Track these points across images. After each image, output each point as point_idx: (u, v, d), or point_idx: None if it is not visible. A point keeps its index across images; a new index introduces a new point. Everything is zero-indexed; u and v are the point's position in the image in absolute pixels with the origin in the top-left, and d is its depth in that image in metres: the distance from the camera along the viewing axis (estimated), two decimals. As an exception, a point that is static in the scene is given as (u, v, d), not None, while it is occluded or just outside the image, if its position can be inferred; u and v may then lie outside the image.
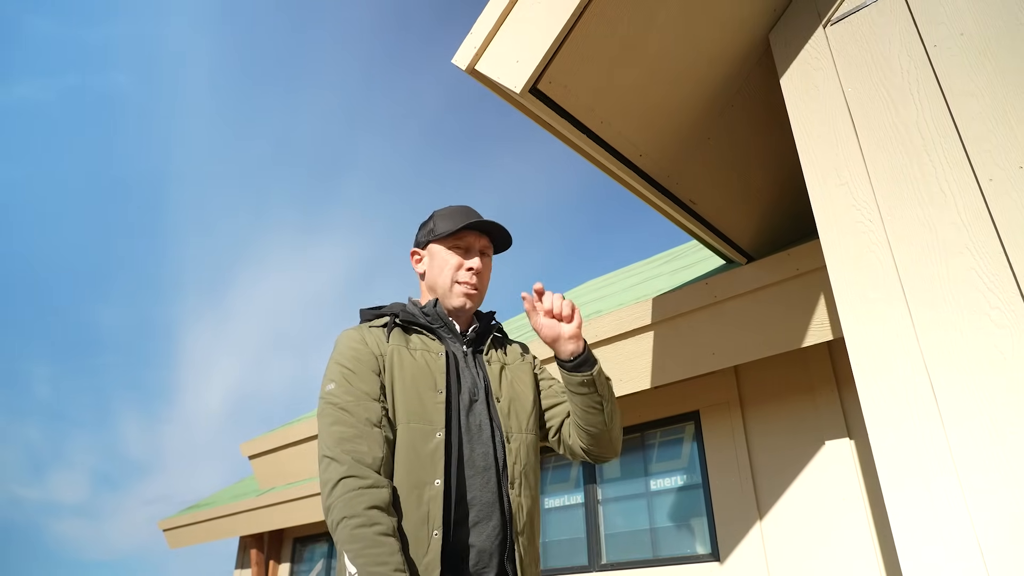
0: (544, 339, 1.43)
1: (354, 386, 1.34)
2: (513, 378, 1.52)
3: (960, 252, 1.36)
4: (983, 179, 1.38)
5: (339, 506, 1.19)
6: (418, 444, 1.31)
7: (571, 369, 1.41)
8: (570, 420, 1.51)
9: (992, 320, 1.28)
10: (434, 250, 1.55)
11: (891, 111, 1.57)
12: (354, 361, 1.38)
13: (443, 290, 1.51)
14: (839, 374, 2.64)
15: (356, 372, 1.36)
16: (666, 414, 3.20)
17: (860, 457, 2.51)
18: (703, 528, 2.92)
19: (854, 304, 1.47)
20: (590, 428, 1.45)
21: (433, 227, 1.56)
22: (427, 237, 1.57)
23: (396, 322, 1.47)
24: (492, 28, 1.59)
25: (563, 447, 1.55)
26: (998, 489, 1.19)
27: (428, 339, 1.47)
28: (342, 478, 1.22)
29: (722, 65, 1.94)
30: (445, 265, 1.51)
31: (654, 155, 1.96)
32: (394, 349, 1.42)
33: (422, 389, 1.37)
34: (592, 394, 1.41)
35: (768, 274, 2.40)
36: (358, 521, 1.17)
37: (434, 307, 1.51)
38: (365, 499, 1.20)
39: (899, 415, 1.33)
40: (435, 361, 1.42)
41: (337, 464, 1.24)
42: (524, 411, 1.48)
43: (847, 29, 1.73)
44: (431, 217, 1.60)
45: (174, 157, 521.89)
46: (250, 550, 5.60)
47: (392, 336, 1.44)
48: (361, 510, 1.18)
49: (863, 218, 1.52)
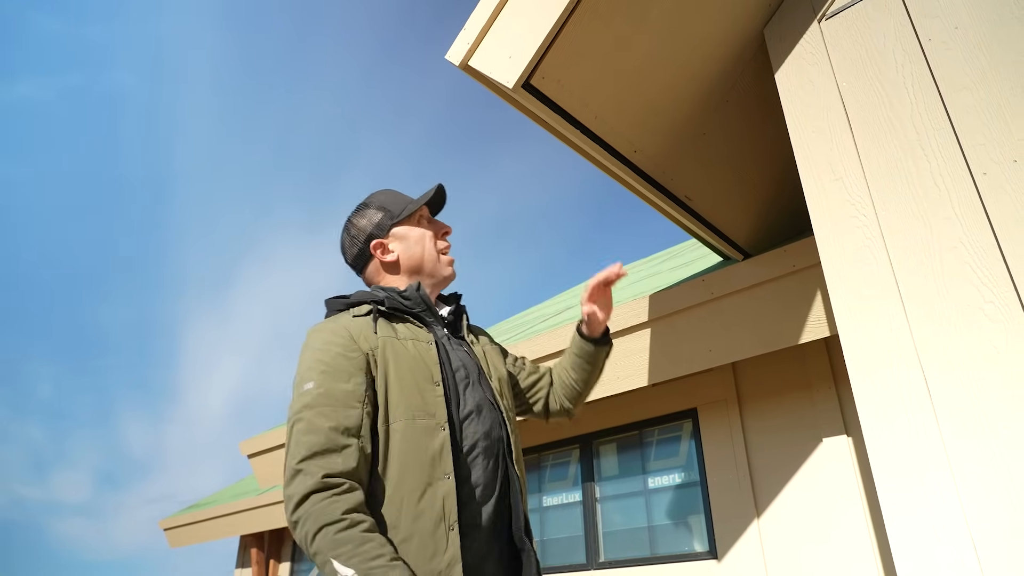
0: (598, 310, 1.62)
1: (335, 389, 1.23)
2: (492, 358, 1.52)
3: (954, 246, 1.35)
4: (977, 173, 1.37)
5: (313, 517, 1.11)
6: (424, 440, 1.24)
7: (602, 344, 1.65)
8: (556, 387, 1.69)
9: (986, 314, 1.27)
10: (401, 232, 1.49)
11: (886, 105, 1.56)
12: (338, 358, 1.26)
13: (431, 264, 1.48)
14: (836, 371, 2.63)
15: (338, 371, 1.25)
16: (664, 412, 3.20)
17: (858, 454, 2.51)
18: (701, 526, 2.91)
19: (848, 299, 1.47)
20: (583, 389, 1.67)
21: (390, 211, 1.50)
22: (388, 222, 1.49)
23: (381, 310, 1.38)
24: (485, 24, 1.58)
25: (545, 414, 1.71)
26: (992, 483, 1.18)
27: (415, 327, 1.40)
28: (311, 492, 1.13)
29: (716, 61, 1.93)
30: (423, 240, 1.48)
31: (649, 151, 1.96)
32: (385, 341, 1.32)
33: (420, 382, 1.30)
34: (598, 367, 1.67)
35: (765, 271, 2.40)
36: (340, 526, 1.10)
37: (417, 291, 1.43)
38: (341, 504, 1.12)
39: (893, 410, 1.33)
40: (428, 352, 1.36)
41: (306, 477, 1.15)
42: (508, 388, 1.51)
43: (842, 24, 1.73)
44: (372, 207, 1.52)
45: (177, 156, 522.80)
46: (250, 549, 5.61)
47: (379, 326, 1.35)
48: (339, 515, 1.11)
49: (857, 213, 1.52)
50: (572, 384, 1.66)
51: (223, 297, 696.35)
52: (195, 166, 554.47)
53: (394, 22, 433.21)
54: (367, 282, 1.54)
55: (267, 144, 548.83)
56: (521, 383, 1.67)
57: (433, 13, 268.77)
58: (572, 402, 1.68)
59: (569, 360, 1.67)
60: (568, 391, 1.67)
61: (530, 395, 1.67)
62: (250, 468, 5.62)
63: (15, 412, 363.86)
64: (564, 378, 1.68)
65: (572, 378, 1.66)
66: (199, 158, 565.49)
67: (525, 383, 1.67)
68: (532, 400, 1.67)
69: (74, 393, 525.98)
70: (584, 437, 3.49)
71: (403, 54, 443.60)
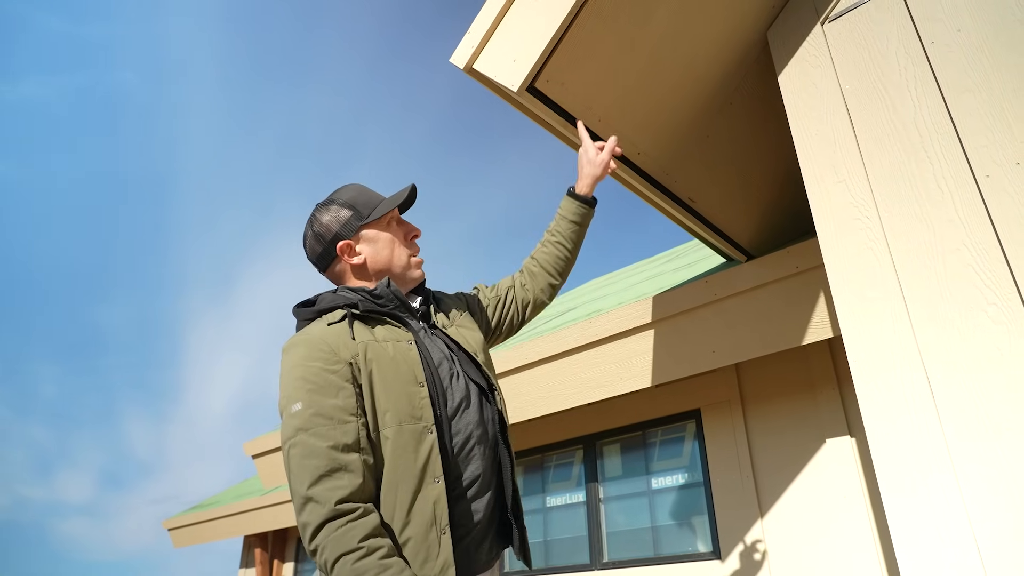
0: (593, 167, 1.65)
1: (325, 405, 1.19)
2: (466, 332, 1.50)
3: (957, 248, 1.36)
4: (980, 175, 1.38)
5: (330, 546, 1.10)
6: (413, 445, 1.23)
7: (589, 202, 1.69)
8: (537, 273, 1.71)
9: (989, 316, 1.28)
10: (370, 234, 1.44)
11: (888, 108, 1.57)
12: (321, 373, 1.22)
13: (400, 267, 1.45)
14: (840, 372, 2.64)
15: (324, 387, 1.20)
16: (667, 412, 3.20)
17: (861, 455, 2.51)
18: (704, 526, 2.92)
19: (851, 301, 1.48)
20: (574, 257, 1.74)
21: (358, 211, 1.44)
22: (356, 223, 1.43)
23: (355, 313, 1.34)
24: (489, 27, 1.59)
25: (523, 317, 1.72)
26: (995, 485, 1.19)
27: (393, 327, 1.36)
28: (325, 521, 1.11)
29: (720, 63, 1.94)
30: (393, 242, 1.46)
31: (653, 153, 1.96)
32: (365, 346, 1.28)
33: (405, 385, 1.27)
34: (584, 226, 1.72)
35: (768, 272, 2.40)
36: (358, 555, 1.09)
37: (388, 287, 1.40)
38: (357, 531, 1.11)
39: (896, 412, 1.33)
40: (408, 352, 1.32)
41: (317, 505, 1.12)
42: (487, 356, 1.52)
43: (845, 26, 1.73)
44: (339, 204, 1.45)
45: (179, 155, 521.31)
46: (254, 549, 5.62)
47: (356, 331, 1.30)
48: (356, 544, 1.10)
49: (860, 215, 1.52)
50: (567, 256, 1.71)
51: (226, 295, 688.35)
52: (198, 164, 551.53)
53: (399, 17, 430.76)
54: (332, 279, 1.49)
55: (270, 141, 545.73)
56: (493, 314, 1.67)
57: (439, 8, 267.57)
58: (562, 275, 1.73)
59: (565, 229, 1.70)
60: (561, 264, 1.71)
61: (507, 313, 1.68)
62: (254, 468, 5.64)
63: (18, 412, 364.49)
64: (557, 252, 1.71)
65: (567, 249, 1.71)
66: (202, 156, 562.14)
67: (495, 309, 1.67)
68: (508, 315, 1.69)
69: (77, 393, 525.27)
70: (588, 438, 3.50)
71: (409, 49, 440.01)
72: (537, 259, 1.72)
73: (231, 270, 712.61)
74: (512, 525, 1.37)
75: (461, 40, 1.64)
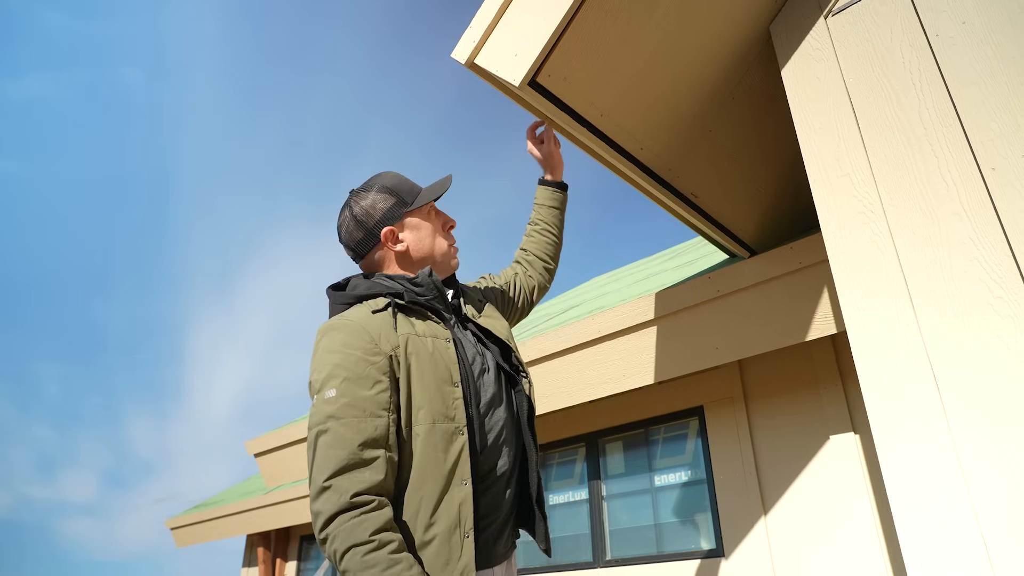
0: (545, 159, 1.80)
1: (359, 397, 1.18)
2: (492, 321, 1.52)
3: (962, 242, 1.35)
4: (986, 168, 1.37)
5: (341, 536, 1.10)
6: (444, 445, 1.22)
7: (561, 187, 1.83)
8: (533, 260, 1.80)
9: (995, 310, 1.27)
10: (413, 222, 1.45)
11: (893, 101, 1.55)
12: (360, 363, 1.21)
13: (441, 255, 1.47)
14: (843, 368, 2.62)
15: (361, 377, 1.20)
16: (670, 409, 3.19)
17: (865, 451, 2.50)
18: (708, 523, 2.91)
19: (856, 296, 1.47)
20: (561, 239, 1.83)
21: (402, 199, 1.45)
22: (400, 209, 1.44)
23: (399, 303, 1.33)
24: (491, 22, 1.58)
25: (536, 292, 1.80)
26: (1003, 482, 1.18)
27: (434, 323, 1.35)
28: (339, 512, 1.11)
29: (723, 57, 1.93)
30: (434, 230, 1.47)
31: (655, 148, 1.95)
32: (407, 339, 1.27)
33: (440, 383, 1.27)
34: (562, 210, 1.84)
35: (771, 268, 2.39)
36: (368, 547, 1.09)
37: (429, 276, 1.39)
38: (369, 524, 1.11)
39: (902, 409, 1.32)
40: (447, 351, 1.31)
41: (333, 495, 1.12)
42: (514, 340, 1.54)
43: (848, 19, 1.72)
44: (380, 191, 1.45)
45: (182, 151, 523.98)
46: (257, 548, 5.62)
47: (399, 322, 1.29)
48: (367, 536, 1.09)
49: (865, 209, 1.51)
50: (554, 240, 1.82)
51: (229, 293, 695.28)
52: (200, 160, 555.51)
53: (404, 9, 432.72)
54: (367, 268, 1.48)
55: (273, 137, 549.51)
56: (508, 300, 1.73)
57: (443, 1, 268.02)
58: (554, 259, 1.83)
59: (547, 216, 1.82)
60: (551, 248, 1.82)
61: (518, 297, 1.76)
62: (257, 467, 5.64)
63: (22, 412, 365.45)
64: (545, 239, 1.81)
65: (553, 234, 1.82)
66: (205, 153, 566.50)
67: (509, 295, 1.74)
68: (520, 299, 1.76)
69: (80, 393, 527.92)
70: (590, 435, 3.49)
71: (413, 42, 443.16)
72: (528, 249, 1.81)
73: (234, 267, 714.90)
74: (536, 514, 1.38)
75: (463, 35, 1.63)
